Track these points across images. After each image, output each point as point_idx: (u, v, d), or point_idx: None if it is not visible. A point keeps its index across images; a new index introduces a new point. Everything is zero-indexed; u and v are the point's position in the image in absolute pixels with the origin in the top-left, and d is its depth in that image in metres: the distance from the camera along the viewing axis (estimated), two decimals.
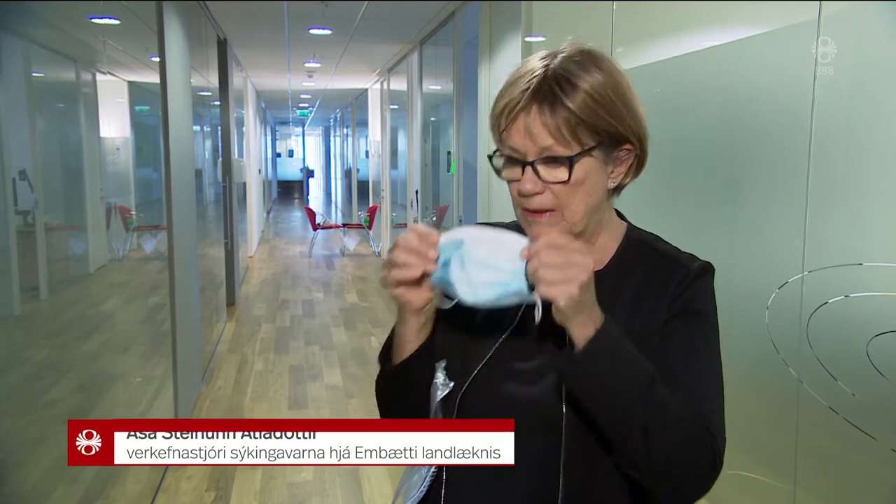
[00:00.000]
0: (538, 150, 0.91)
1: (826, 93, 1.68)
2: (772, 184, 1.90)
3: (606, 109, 0.92)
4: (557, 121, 0.90)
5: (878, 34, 1.64)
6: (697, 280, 0.96)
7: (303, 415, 4.21)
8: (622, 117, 0.93)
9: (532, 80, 0.92)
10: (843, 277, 1.63)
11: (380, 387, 1.07)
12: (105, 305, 2.74)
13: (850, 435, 1.61)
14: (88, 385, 2.48)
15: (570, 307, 0.83)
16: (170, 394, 3.60)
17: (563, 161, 0.91)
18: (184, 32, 4.21)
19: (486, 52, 4.51)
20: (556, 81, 0.91)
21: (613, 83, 0.93)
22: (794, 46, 1.78)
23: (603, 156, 0.94)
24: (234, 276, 7.05)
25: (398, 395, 1.04)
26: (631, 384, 0.85)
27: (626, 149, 0.96)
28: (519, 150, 0.93)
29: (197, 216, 4.66)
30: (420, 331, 0.99)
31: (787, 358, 1.77)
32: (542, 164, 0.92)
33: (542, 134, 0.91)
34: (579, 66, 0.92)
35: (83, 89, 2.59)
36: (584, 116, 0.90)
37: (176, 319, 3.65)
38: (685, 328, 0.95)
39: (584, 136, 0.91)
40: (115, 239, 2.88)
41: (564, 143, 0.91)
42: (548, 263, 0.83)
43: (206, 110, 5.67)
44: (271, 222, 16.08)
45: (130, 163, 3.21)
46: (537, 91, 0.91)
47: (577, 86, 0.91)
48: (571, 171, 0.91)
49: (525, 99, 0.91)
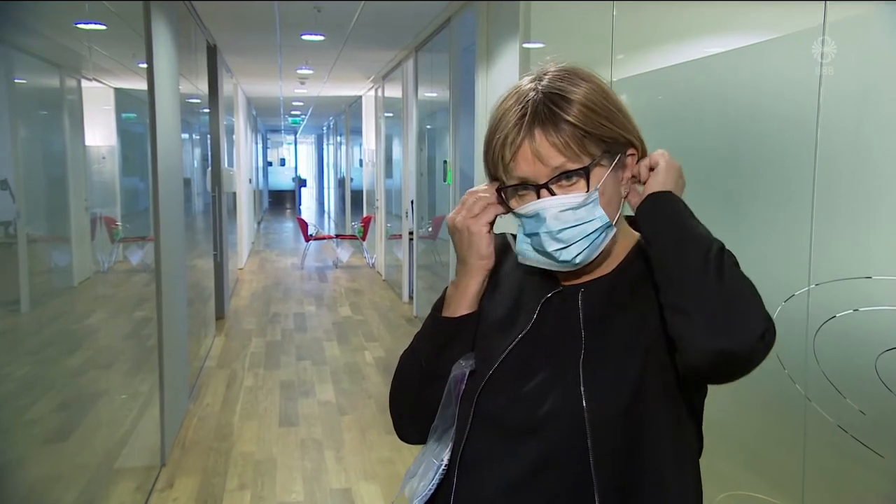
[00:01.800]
0: (550, 171, 0.95)
1: (831, 101, 1.69)
2: (776, 193, 1.91)
3: (605, 116, 0.96)
4: (564, 137, 0.93)
5: (883, 41, 1.65)
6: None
7: (294, 432, 4.19)
8: (620, 122, 0.98)
9: (526, 106, 0.95)
10: (851, 291, 1.63)
11: (420, 343, 1.10)
12: (89, 320, 2.73)
13: (859, 453, 1.61)
14: (71, 403, 2.46)
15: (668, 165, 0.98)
16: (156, 411, 3.59)
17: (578, 174, 0.95)
18: (172, 38, 4.22)
19: (484, 59, 4.53)
20: (550, 101, 0.94)
21: (602, 92, 0.98)
22: (797, 54, 1.79)
23: (611, 163, 0.97)
24: (223, 288, 7.04)
25: (438, 350, 1.06)
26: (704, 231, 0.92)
27: (630, 153, 1.01)
28: (530, 178, 0.96)
29: (185, 227, 4.65)
30: (478, 293, 1.06)
31: (793, 374, 1.77)
32: (556, 183, 0.95)
33: (551, 154, 0.94)
34: (568, 82, 0.96)
35: (68, 96, 2.59)
36: (588, 128, 0.94)
37: (163, 334, 3.64)
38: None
39: (592, 147, 0.95)
40: (100, 251, 2.87)
41: (575, 158, 0.94)
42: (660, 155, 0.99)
43: (195, 118, 5.68)
44: (262, 233, 16.07)
45: (116, 172, 3.20)
46: (535, 114, 0.94)
47: (572, 100, 0.94)
48: (589, 181, 0.95)
49: (525, 125, 0.94)
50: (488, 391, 1.01)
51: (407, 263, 7.83)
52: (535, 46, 3.71)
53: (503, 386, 1.00)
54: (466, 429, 1.01)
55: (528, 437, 0.97)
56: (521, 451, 0.97)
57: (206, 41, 6.51)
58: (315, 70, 8.76)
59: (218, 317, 6.85)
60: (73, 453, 2.43)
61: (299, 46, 7.02)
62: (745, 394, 1.91)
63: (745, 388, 1.99)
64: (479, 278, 1.05)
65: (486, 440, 1.00)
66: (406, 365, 1.12)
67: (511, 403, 0.99)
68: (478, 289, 1.06)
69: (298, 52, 7.46)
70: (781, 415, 1.88)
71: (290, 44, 6.93)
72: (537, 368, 0.99)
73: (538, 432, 0.96)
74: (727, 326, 0.85)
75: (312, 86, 10.48)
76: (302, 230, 11.22)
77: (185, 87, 4.77)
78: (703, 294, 0.87)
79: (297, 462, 3.79)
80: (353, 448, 3.95)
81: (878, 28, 1.66)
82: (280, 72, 8.98)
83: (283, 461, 3.79)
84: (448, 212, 6.08)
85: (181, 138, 4.54)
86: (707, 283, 0.87)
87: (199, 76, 5.86)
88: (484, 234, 1.02)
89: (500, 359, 1.01)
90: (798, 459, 1.78)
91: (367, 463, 3.75)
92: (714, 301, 0.86)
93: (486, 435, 1.00)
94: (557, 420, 0.95)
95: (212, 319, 6.37)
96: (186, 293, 4.58)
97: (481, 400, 1.01)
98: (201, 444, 3.98)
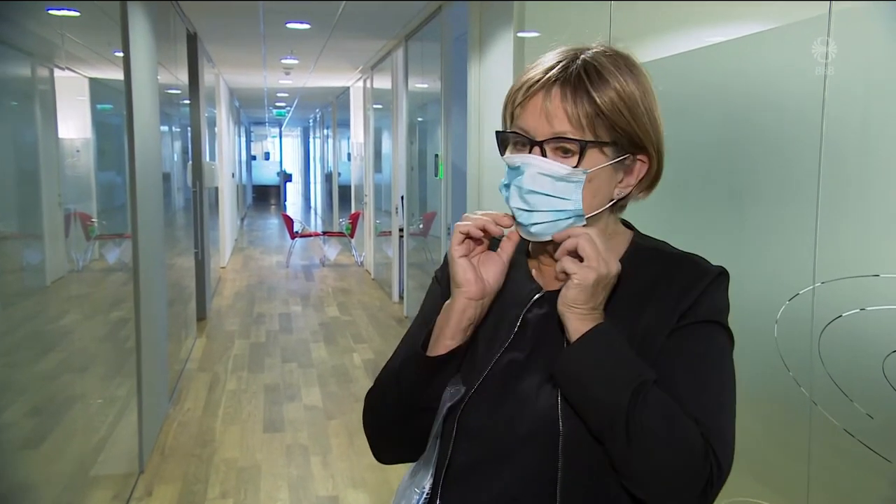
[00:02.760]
0: (551, 132, 0.94)
1: (837, 92, 1.69)
2: (780, 187, 1.91)
3: (630, 111, 0.94)
4: (578, 108, 0.93)
5: (892, 29, 1.65)
6: (718, 284, 0.98)
7: (279, 438, 4.17)
8: (643, 122, 0.96)
9: (559, 63, 0.95)
10: (858, 289, 1.63)
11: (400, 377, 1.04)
12: (63, 321, 2.71)
13: (866, 459, 1.61)
14: (43, 408, 2.44)
15: (580, 290, 0.90)
16: (134, 416, 3.56)
17: (574, 147, 0.93)
18: (150, 25, 4.19)
19: (477, 49, 4.52)
20: (584, 69, 0.94)
21: (643, 90, 0.96)
22: (802, 43, 1.79)
23: (615, 157, 0.96)
24: (204, 288, 7.01)
25: (419, 385, 1.02)
26: (618, 382, 0.89)
27: (641, 159, 0.98)
28: (529, 131, 0.96)
29: (164, 224, 4.63)
30: (462, 323, 1.00)
31: (797, 376, 1.77)
32: (551, 147, 0.94)
33: (559, 116, 0.93)
34: (612, 63, 0.95)
35: (39, 86, 2.57)
36: (606, 110, 0.93)
37: (141, 335, 3.61)
38: (701, 336, 0.96)
39: (601, 130, 0.94)
40: (74, 248, 2.85)
41: (579, 131, 0.93)
42: (588, 242, 0.91)
43: (174, 109, 5.65)
44: (245, 230, 16.03)
45: (92, 166, 3.18)
46: (563, 73, 0.94)
47: (607, 80, 0.94)
48: (582, 157, 0.93)
49: (548, 79, 0.94)
50: (472, 406, 1.00)
51: (397, 262, 7.82)
52: (529, 35, 3.70)
53: (486, 401, 0.99)
54: (450, 445, 1.01)
55: (509, 453, 0.97)
56: (505, 468, 0.97)
57: (185, 29, 6.47)
58: (300, 60, 8.73)
59: (199, 317, 6.82)
60: (47, 460, 2.41)
61: (284, 35, 6.99)
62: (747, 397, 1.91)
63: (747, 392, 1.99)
64: (459, 305, 0.99)
65: (470, 456, 1.00)
66: (382, 397, 1.08)
67: (494, 418, 0.98)
68: (460, 318, 1.00)
69: (283, 41, 7.43)
70: (785, 419, 1.88)
71: (274, 32, 6.90)
72: (520, 381, 0.99)
73: (518, 449, 0.96)
74: (661, 494, 0.90)
75: (298, 76, 10.44)
76: (287, 227, 11.19)
77: (163, 77, 4.74)
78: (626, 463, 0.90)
79: (282, 469, 3.77)
80: (341, 454, 3.94)
81: (887, 15, 1.65)
82: (264, 61, 8.94)
83: (268, 468, 3.78)
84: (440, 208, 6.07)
85: (160, 131, 4.52)
86: (632, 457, 0.89)
87: (178, 65, 5.83)
88: (457, 260, 0.99)
89: (483, 375, 1.00)
90: (803, 465, 1.78)
91: (355, 469, 3.74)
92: (640, 471, 0.89)
93: (471, 451, 1.00)
94: (535, 438, 0.95)
95: (193, 320, 6.34)
96: (166, 293, 4.56)
97: (465, 415, 1.00)
98: (181, 451, 3.96)
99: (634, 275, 0.99)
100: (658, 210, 2.39)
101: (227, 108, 11.94)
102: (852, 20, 1.68)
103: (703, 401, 0.92)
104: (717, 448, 0.89)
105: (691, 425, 0.89)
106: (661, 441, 0.87)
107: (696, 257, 1.02)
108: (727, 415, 0.94)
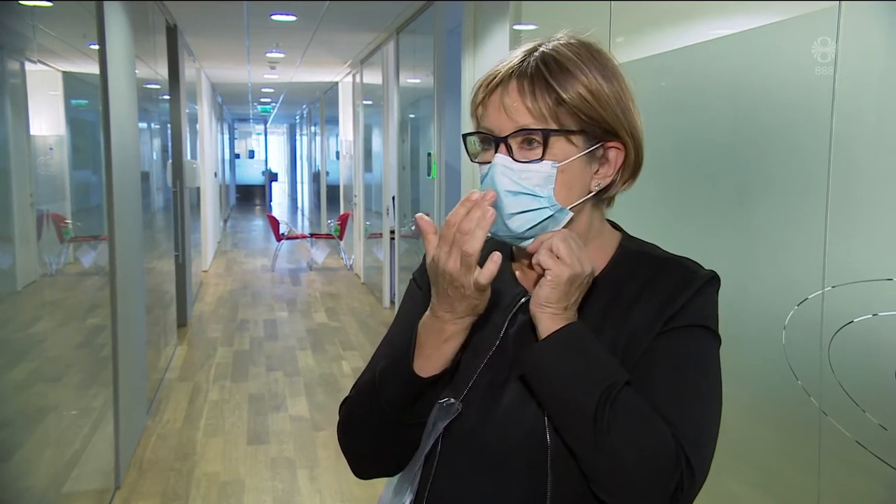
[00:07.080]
0: (513, 127, 0.95)
1: (847, 87, 1.69)
2: (789, 188, 1.91)
3: (595, 97, 0.95)
4: (538, 99, 0.94)
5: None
6: (707, 289, 0.98)
7: (263, 451, 4.16)
8: (611, 109, 0.96)
9: (515, 56, 0.97)
10: (870, 293, 1.63)
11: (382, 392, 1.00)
12: (35, 328, 2.70)
13: (879, 471, 1.61)
14: (14, 419, 2.43)
15: (553, 287, 0.91)
16: (110, 428, 3.55)
17: (538, 136, 0.94)
18: (127, 17, 4.18)
19: (471, 42, 4.52)
20: (542, 60, 0.95)
21: (608, 75, 0.96)
22: (811, 36, 1.79)
23: (586, 146, 0.96)
24: (185, 293, 7.00)
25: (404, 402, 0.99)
26: (587, 382, 0.89)
27: (615, 147, 0.98)
28: (493, 129, 0.96)
29: (143, 225, 4.62)
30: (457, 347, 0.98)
31: (807, 385, 1.77)
32: (516, 142, 0.95)
33: (519, 109, 0.94)
34: (572, 51, 0.96)
35: (10, 80, 2.56)
36: (568, 98, 0.93)
37: (118, 343, 3.60)
38: (686, 339, 0.96)
39: (566, 119, 0.94)
40: (47, 251, 2.84)
41: (543, 122, 0.94)
42: (562, 240, 0.92)
43: (153, 105, 5.64)
44: (229, 232, 16.01)
45: (66, 164, 3.17)
46: (519, 66, 0.95)
47: (566, 68, 0.94)
48: (546, 147, 0.94)
49: (504, 74, 0.96)
50: (457, 418, 0.99)
51: (388, 265, 7.82)
52: (526, 28, 3.71)
53: (471, 412, 0.99)
54: (436, 457, 1.01)
55: (496, 466, 0.97)
56: (492, 482, 0.97)
57: (165, 20, 6.46)
58: (286, 53, 8.73)
59: (180, 324, 6.81)
60: (17, 475, 2.40)
61: (269, 27, 6.99)
62: (754, 408, 1.91)
63: (755, 402, 1.99)
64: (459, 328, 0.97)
65: (455, 470, 1.00)
66: (361, 412, 1.05)
67: (480, 430, 0.98)
68: (457, 343, 0.98)
69: (268, 34, 7.42)
70: (794, 430, 1.88)
71: (258, 24, 6.89)
72: (505, 390, 0.99)
73: (506, 459, 0.96)
74: (625, 500, 0.90)
75: (284, 71, 10.44)
76: (273, 229, 11.18)
77: (141, 72, 4.73)
78: (592, 464, 0.90)
79: (266, 483, 3.76)
80: (329, 467, 3.93)
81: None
82: (248, 55, 8.93)
83: (252, 482, 3.76)
84: (432, 209, 6.06)
85: (138, 127, 4.51)
86: (586, 451, 0.90)
87: (157, 59, 5.82)
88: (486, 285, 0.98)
89: (468, 385, 1.00)
90: (813, 478, 1.78)
91: (343, 483, 3.73)
92: (603, 473, 0.90)
93: (456, 465, 1.00)
94: (522, 449, 0.95)
95: (173, 327, 6.33)
96: (144, 298, 4.55)
97: (448, 428, 1.00)
98: (160, 465, 3.94)
99: (622, 278, 0.99)
100: (662, 210, 2.39)
101: (210, 104, 11.92)
102: (861, 13, 1.68)
103: (681, 404, 0.92)
104: (691, 453, 0.89)
105: (663, 428, 0.89)
106: (628, 442, 0.87)
107: (686, 260, 1.02)
108: (706, 419, 0.94)
